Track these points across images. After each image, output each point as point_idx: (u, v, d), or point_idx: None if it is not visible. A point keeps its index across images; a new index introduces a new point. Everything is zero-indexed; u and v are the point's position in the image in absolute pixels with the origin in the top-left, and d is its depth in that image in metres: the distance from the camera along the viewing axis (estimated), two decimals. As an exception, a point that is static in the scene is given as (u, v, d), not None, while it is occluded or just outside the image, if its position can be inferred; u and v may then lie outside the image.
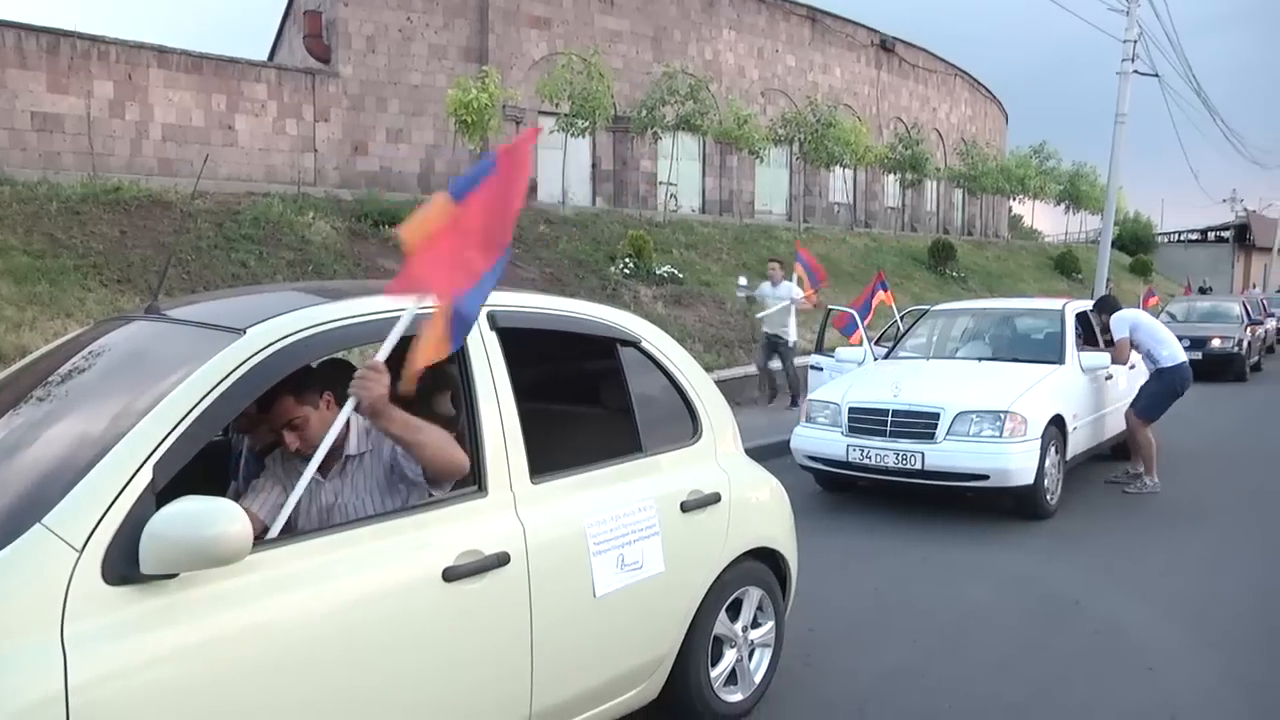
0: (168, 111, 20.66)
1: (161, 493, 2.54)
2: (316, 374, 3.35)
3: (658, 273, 18.90)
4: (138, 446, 2.55)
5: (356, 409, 3.00)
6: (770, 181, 33.41)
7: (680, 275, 19.30)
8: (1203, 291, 37.54)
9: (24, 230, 12.50)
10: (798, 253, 15.10)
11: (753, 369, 15.19)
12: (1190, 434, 12.71)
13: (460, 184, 3.15)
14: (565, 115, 23.06)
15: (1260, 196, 78.91)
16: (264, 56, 28.37)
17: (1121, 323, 9.53)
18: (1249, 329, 20.59)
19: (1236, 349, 19.41)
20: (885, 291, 15.30)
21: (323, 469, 3.25)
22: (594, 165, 28.41)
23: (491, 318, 3.52)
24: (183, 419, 2.63)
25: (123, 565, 2.43)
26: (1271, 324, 26.02)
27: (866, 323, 12.86)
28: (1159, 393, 9.38)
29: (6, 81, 18.40)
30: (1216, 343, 19.37)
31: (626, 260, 18.86)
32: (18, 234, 12.32)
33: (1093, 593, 6.36)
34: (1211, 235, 67.60)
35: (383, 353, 3.04)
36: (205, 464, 3.70)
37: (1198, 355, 19.15)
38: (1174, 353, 9.34)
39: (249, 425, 3.91)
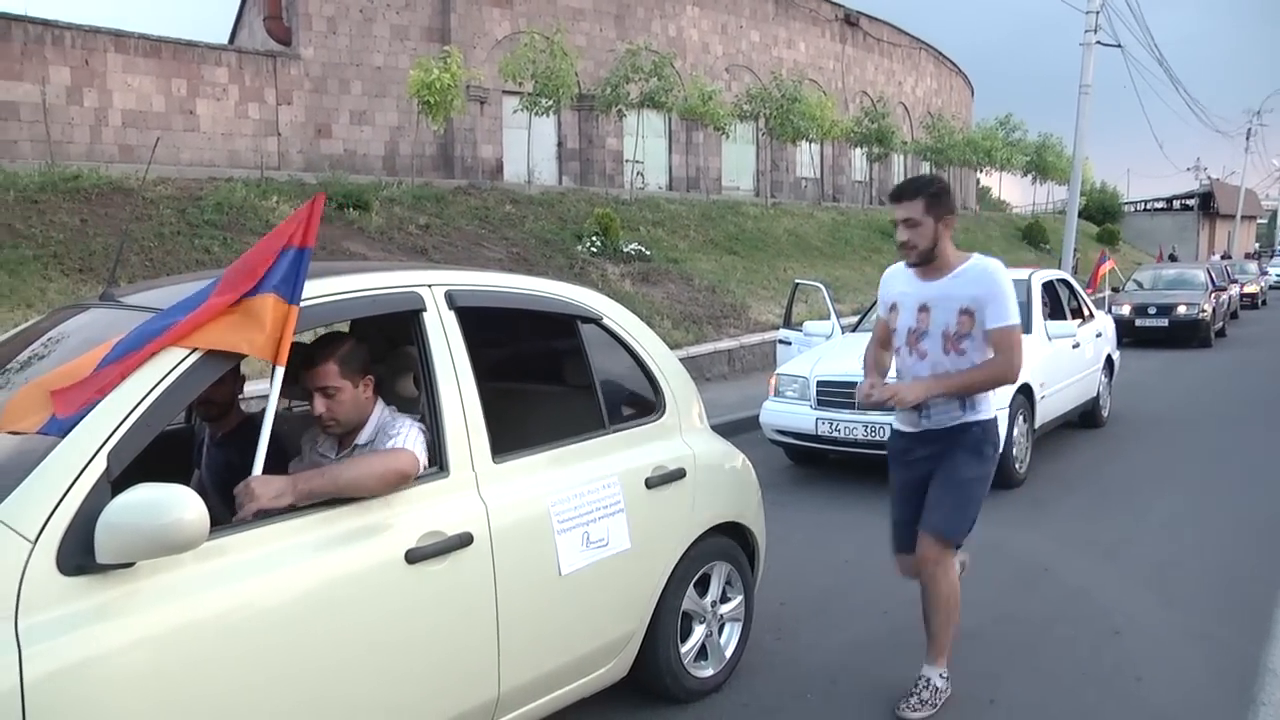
0: (127, 97, 20.43)
1: (120, 481, 2.50)
2: (365, 354, 3.35)
3: (625, 250, 18.86)
4: (91, 435, 2.52)
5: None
6: (737, 157, 33.43)
7: (648, 253, 19.27)
8: (1172, 259, 37.89)
9: (-18, 220, 12.32)
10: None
11: (721, 344, 15.20)
12: (1155, 399, 12.86)
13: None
14: (529, 94, 22.94)
15: (1223, 164, 79.55)
16: (224, 39, 28.06)
17: None
18: (1213, 295, 20.80)
19: (1201, 315, 19.60)
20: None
21: (337, 452, 3.39)
22: (559, 144, 28.33)
23: (449, 297, 3.49)
24: (135, 406, 2.60)
25: (78, 555, 2.40)
26: (1235, 290, 26.27)
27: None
28: (982, 478, 4.28)
29: (-41, 69, 18.15)
30: (1182, 309, 19.58)
31: (593, 239, 18.81)
32: (-25, 224, 12.15)
33: (1062, 559, 6.41)
34: (1177, 204, 68.16)
35: (258, 465, 2.97)
36: (167, 452, 3.68)
37: (1164, 322, 19.44)
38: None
39: (213, 413, 3.90)
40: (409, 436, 3.22)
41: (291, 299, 2.93)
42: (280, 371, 2.97)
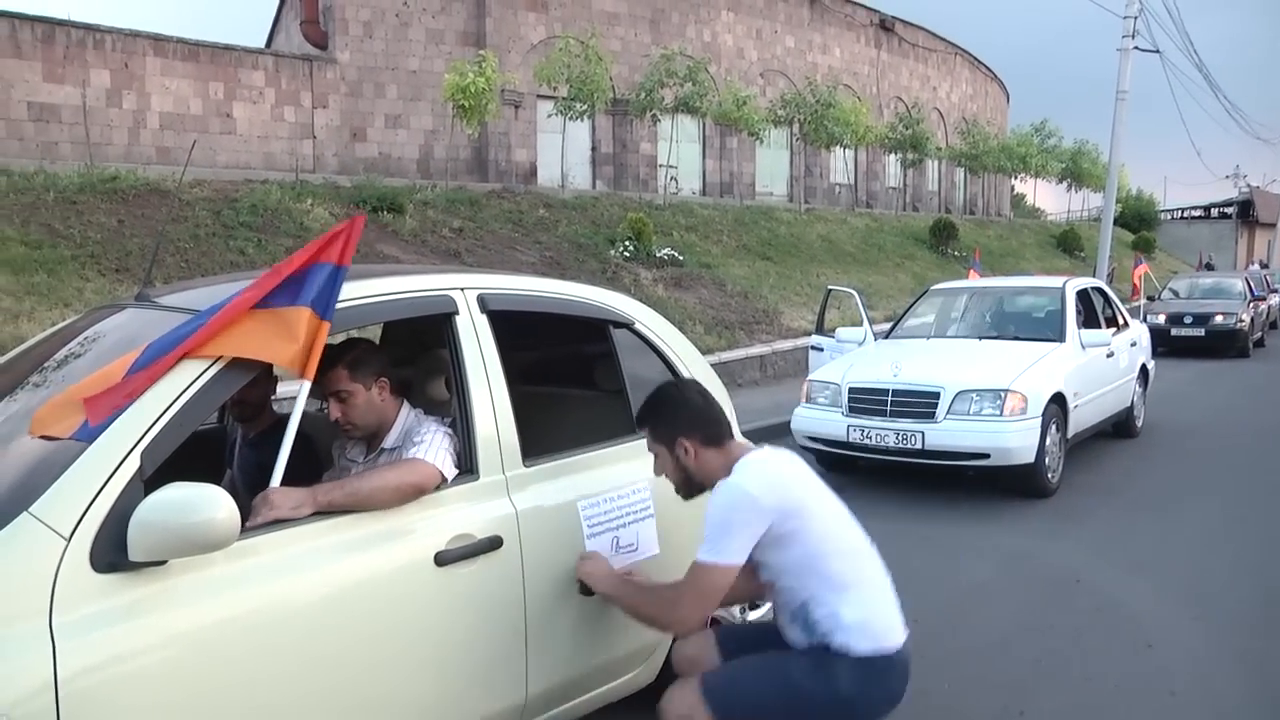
0: (165, 100, 20.65)
1: (152, 480, 2.52)
2: (377, 357, 3.37)
3: (658, 255, 18.86)
4: (125, 434, 2.54)
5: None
6: (771, 163, 33.36)
7: (680, 257, 19.26)
8: (1209, 268, 37.50)
9: (21, 221, 12.47)
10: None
11: (753, 350, 15.18)
12: (1191, 409, 12.72)
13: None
14: (564, 99, 22.99)
15: (1264, 172, 78.80)
16: (261, 43, 28.28)
17: None
18: (1251, 305, 20.58)
19: (1239, 325, 19.39)
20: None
21: (365, 456, 3.42)
22: (593, 148, 28.37)
23: (481, 300, 3.50)
24: (169, 406, 2.62)
25: (111, 553, 2.41)
26: (1274, 300, 26.00)
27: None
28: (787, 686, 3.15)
29: (2, 72, 18.42)
30: (1219, 319, 19.38)
31: (626, 243, 18.82)
32: (15, 225, 12.30)
33: (1094, 570, 6.35)
34: (1215, 212, 67.37)
35: (277, 475, 2.97)
36: (200, 452, 3.71)
37: (1200, 331, 19.24)
38: (867, 618, 3.11)
39: (247, 414, 3.93)
40: (433, 444, 3.21)
41: (325, 315, 2.96)
42: (307, 385, 3.00)
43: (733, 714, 3.09)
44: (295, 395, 3.00)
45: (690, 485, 3.27)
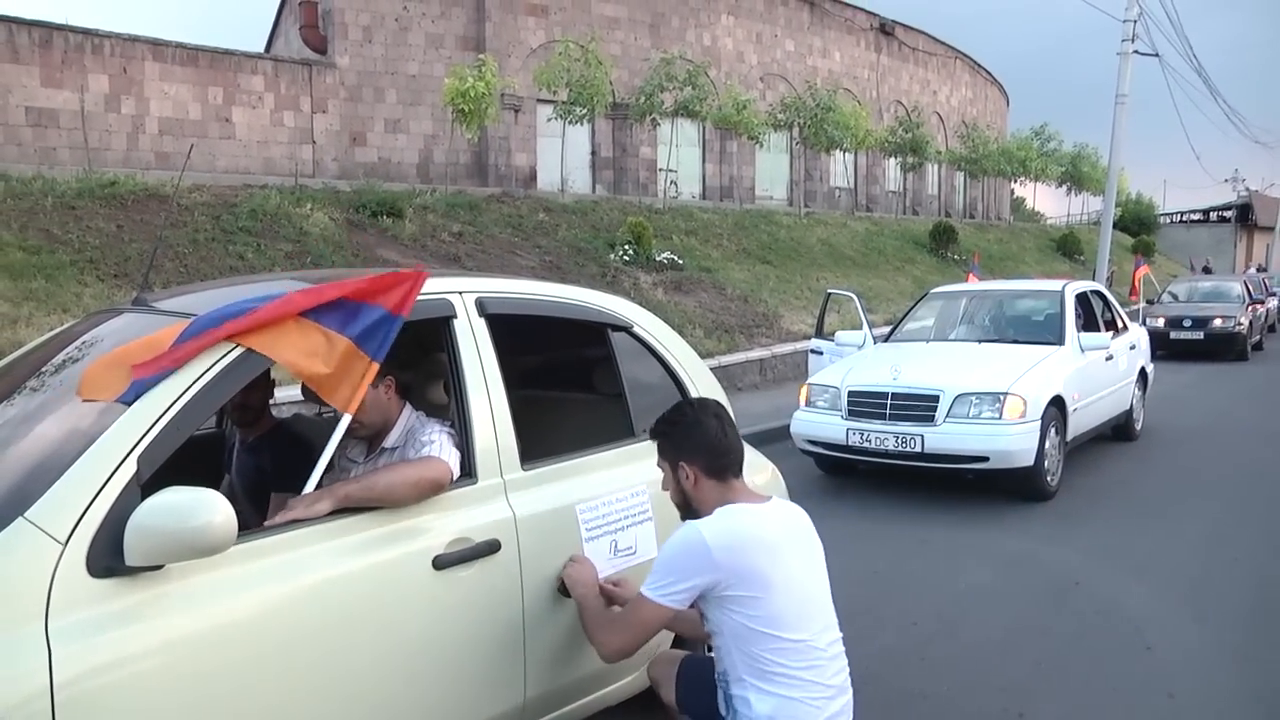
0: (164, 105, 20.66)
1: (150, 485, 2.52)
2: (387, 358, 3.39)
3: (657, 259, 18.86)
4: (122, 438, 2.54)
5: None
6: (770, 167, 33.38)
7: (680, 261, 19.26)
8: (1206, 271, 37.51)
9: (19, 226, 12.46)
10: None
11: (753, 354, 15.18)
12: (1190, 412, 12.72)
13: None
14: (563, 103, 22.98)
15: (1262, 176, 78.93)
16: (260, 48, 28.29)
17: None
18: (1250, 308, 20.60)
19: (1237, 328, 19.41)
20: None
21: (365, 456, 3.44)
22: (593, 152, 28.38)
23: (480, 304, 3.50)
24: (166, 410, 2.62)
25: (108, 557, 2.41)
26: (1273, 303, 26.02)
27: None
28: None
29: (0, 76, 18.38)
30: (1218, 322, 19.40)
31: (626, 247, 18.81)
32: (13, 230, 12.29)
33: (1093, 573, 6.35)
34: (1214, 215, 67.41)
35: (312, 483, 3.03)
36: (198, 457, 3.71)
37: (1199, 334, 19.26)
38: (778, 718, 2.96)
39: (249, 418, 3.93)
40: (442, 445, 3.22)
41: (376, 357, 3.02)
42: (347, 419, 3.06)
43: None
44: (291, 400, 3.01)
45: (687, 508, 3.21)
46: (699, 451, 3.13)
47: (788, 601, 2.95)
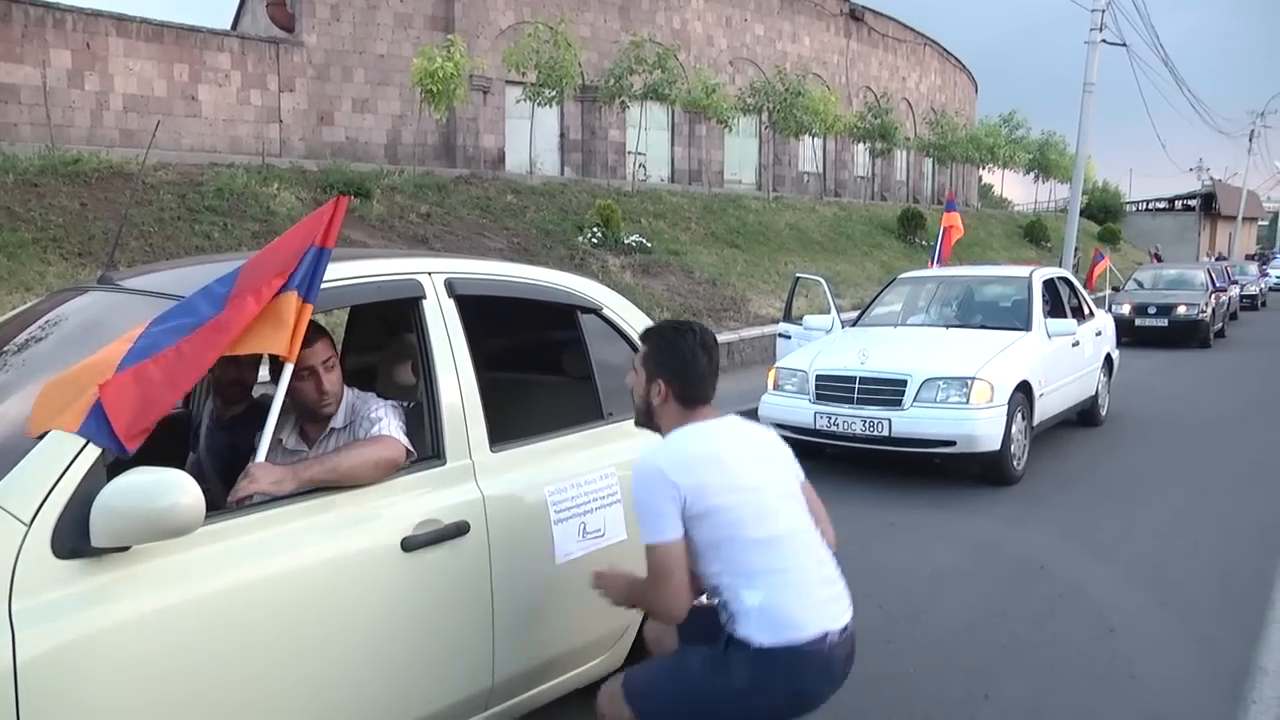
0: (128, 81, 20.40)
1: (115, 465, 2.49)
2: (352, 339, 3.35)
3: (626, 242, 18.84)
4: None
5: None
6: (739, 151, 33.41)
7: (649, 244, 19.25)
8: (1157, 259, 37.88)
9: (-19, 203, 12.31)
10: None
11: (721, 337, 15.19)
12: (1154, 398, 12.86)
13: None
14: (532, 85, 22.90)
15: (1225, 165, 79.49)
16: (227, 25, 27.99)
17: None
18: (1213, 296, 20.80)
19: (1201, 316, 19.60)
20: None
21: (309, 439, 3.35)
22: (562, 135, 28.30)
23: (449, 285, 3.48)
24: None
25: (73, 538, 2.38)
26: (1235, 291, 26.28)
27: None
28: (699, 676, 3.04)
29: (-40, 51, 18.10)
30: (1182, 310, 19.58)
31: (594, 230, 18.79)
32: (-25, 207, 12.14)
33: (1058, 556, 6.41)
34: (1179, 204, 68.04)
35: (262, 451, 2.97)
36: (163, 436, 3.67)
37: (1164, 322, 19.43)
38: (772, 606, 2.93)
39: (238, 395, 3.88)
40: (390, 422, 3.21)
41: (309, 298, 2.91)
42: (290, 367, 2.97)
43: (648, 711, 3.02)
44: (262, 380, 2.96)
45: (647, 419, 3.22)
46: (679, 378, 3.11)
47: (742, 503, 2.94)
